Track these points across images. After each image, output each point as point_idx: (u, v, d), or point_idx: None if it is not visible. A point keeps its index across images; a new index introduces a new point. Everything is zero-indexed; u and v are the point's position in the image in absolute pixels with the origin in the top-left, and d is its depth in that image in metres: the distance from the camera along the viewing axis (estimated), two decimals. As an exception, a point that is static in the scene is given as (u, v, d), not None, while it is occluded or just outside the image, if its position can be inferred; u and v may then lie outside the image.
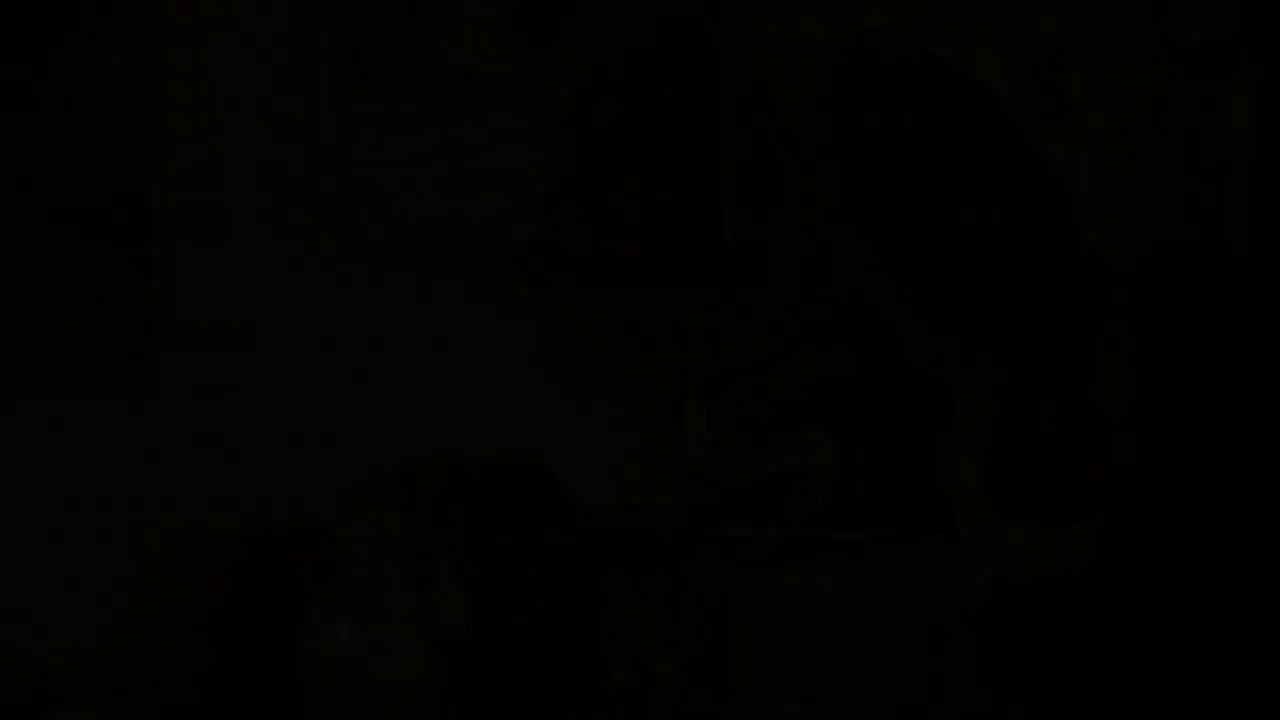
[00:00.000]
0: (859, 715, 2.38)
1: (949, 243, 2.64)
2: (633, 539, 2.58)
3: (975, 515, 3.05)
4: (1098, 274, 2.67)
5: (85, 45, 2.29)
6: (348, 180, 2.51)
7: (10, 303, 2.29)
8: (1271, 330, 3.42)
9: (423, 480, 2.52)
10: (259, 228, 2.50)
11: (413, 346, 2.61)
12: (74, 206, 2.30)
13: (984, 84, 2.64)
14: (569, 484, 2.57)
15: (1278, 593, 2.86)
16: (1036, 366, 2.49)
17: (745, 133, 2.81)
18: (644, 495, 2.77)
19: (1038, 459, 3.07)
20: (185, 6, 2.44)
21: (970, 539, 2.84)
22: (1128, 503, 3.24)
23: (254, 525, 2.42)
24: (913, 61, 2.57)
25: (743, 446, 2.78)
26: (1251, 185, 3.38)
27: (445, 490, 2.46)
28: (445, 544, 2.33)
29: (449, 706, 2.30)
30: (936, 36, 2.67)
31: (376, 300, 2.59)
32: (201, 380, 2.47)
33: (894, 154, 2.58)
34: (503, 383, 2.67)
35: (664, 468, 2.78)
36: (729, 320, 2.70)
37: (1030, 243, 2.62)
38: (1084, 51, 3.13)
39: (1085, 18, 3.18)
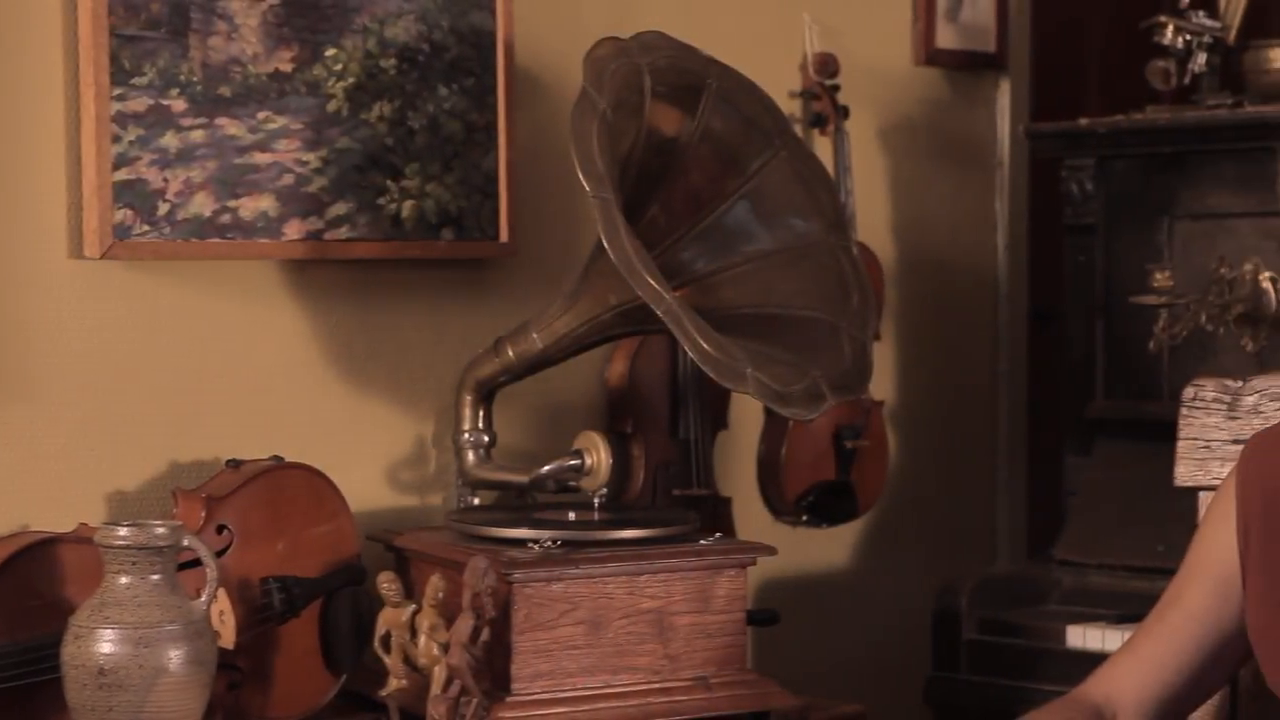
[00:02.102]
0: (634, 711, 2.39)
1: (722, 243, 2.67)
2: (405, 542, 2.57)
3: (751, 513, 3.09)
4: (868, 274, 2.71)
5: None
6: (110, 179, 2.46)
7: None
8: (1035, 328, 3.52)
9: (190, 484, 2.47)
10: (18, 228, 2.44)
11: (179, 349, 2.56)
12: None
13: (755, 86, 2.68)
14: (341, 487, 2.54)
15: (1035, 581, 2.94)
16: (809, 366, 2.53)
17: (522, 134, 2.81)
18: (418, 497, 2.76)
19: (811, 459, 3.12)
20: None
21: (746, 537, 2.88)
22: (897, 498, 3.30)
23: (15, 531, 2.35)
24: (688, 64, 2.60)
25: (518, 447, 2.78)
26: (1014, 188, 3.47)
27: (213, 494, 2.42)
28: (214, 549, 2.29)
29: (218, 713, 2.27)
30: (712, 40, 2.70)
31: (142, 302, 2.53)
32: (-41, 384, 2.40)
33: (667, 155, 2.61)
34: (273, 385, 2.64)
35: (438, 469, 2.77)
36: (504, 321, 2.70)
37: (802, 244, 2.67)
38: (855, 58, 3.19)
39: (856, 26, 3.24)
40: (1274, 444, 1.86)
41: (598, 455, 2.58)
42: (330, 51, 2.63)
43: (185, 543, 2.19)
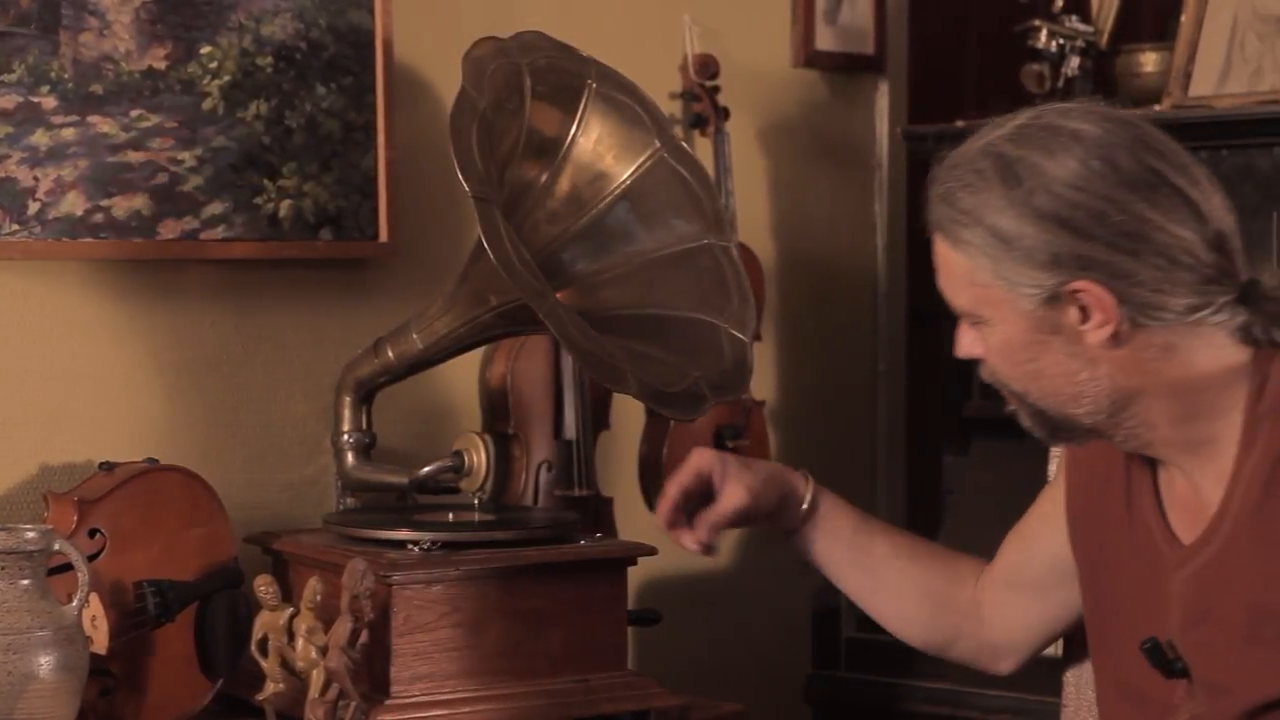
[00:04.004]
0: (514, 712, 2.38)
1: (603, 243, 2.67)
2: (283, 544, 2.54)
3: (632, 514, 3.09)
4: (748, 275, 2.73)
5: None
6: (-22, 176, 2.42)
7: None
8: (913, 328, 3.56)
9: (62, 488, 2.43)
10: (-116, 226, 2.39)
11: (51, 350, 2.52)
12: None
13: (635, 87, 2.68)
14: (218, 489, 2.51)
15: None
16: (690, 367, 2.53)
17: (401, 133, 2.79)
18: (296, 499, 2.73)
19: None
20: None
21: (627, 537, 2.88)
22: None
23: (-121, 538, 2.30)
24: (568, 65, 2.60)
25: (398, 448, 2.77)
26: (892, 189, 3.51)
27: (86, 497, 2.38)
28: (86, 553, 2.26)
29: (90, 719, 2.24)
30: (592, 41, 2.70)
31: (12, 302, 2.49)
32: None
33: (548, 155, 2.60)
34: (148, 387, 2.60)
35: (317, 471, 2.75)
36: (384, 321, 2.68)
37: (682, 244, 2.67)
38: (734, 60, 3.20)
39: (736, 27, 3.25)
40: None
41: (478, 456, 2.57)
42: (205, 49, 2.60)
43: (56, 547, 2.16)
